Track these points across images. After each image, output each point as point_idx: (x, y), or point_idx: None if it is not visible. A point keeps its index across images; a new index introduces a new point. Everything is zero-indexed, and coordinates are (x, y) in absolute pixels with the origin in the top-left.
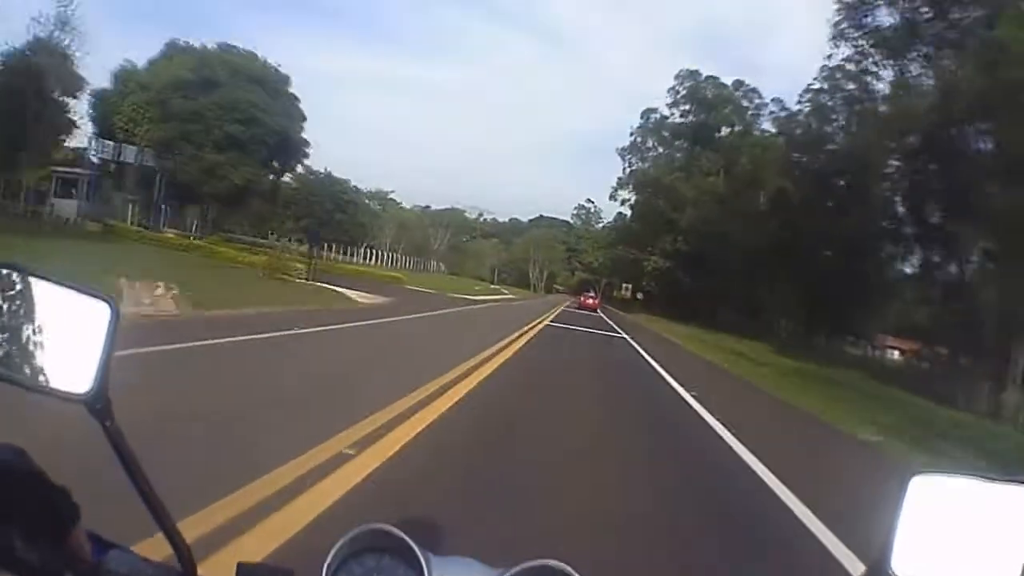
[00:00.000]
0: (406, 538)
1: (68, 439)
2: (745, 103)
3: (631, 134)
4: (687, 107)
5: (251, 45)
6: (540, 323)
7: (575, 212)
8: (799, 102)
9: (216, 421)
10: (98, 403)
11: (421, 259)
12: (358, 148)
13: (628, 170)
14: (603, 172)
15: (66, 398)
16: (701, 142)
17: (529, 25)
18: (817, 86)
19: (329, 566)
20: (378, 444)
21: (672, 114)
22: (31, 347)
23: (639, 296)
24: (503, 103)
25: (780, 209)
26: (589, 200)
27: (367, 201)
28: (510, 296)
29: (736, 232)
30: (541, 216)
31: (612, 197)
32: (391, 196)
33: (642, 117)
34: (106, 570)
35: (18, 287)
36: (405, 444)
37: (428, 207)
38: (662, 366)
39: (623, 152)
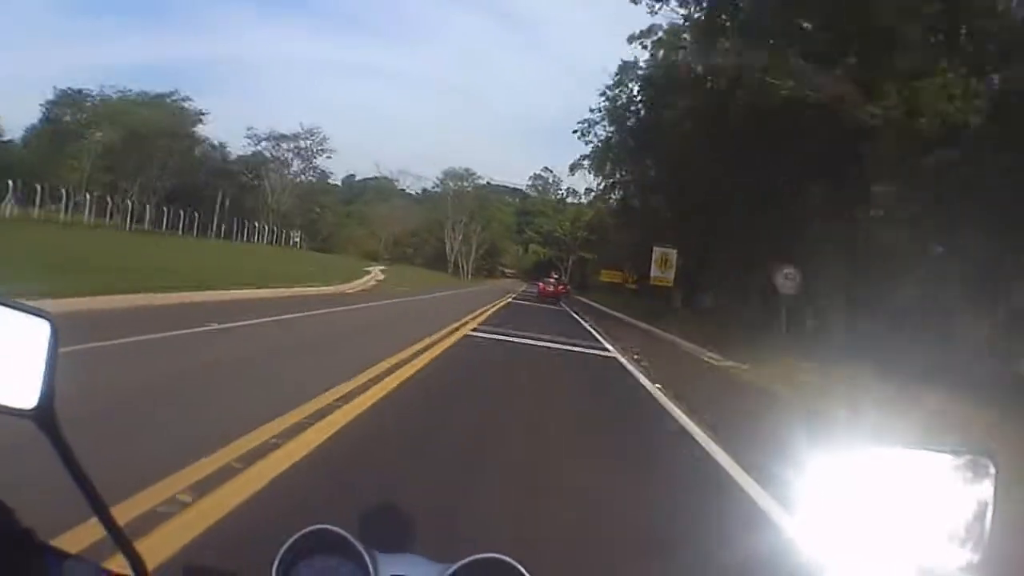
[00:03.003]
0: (350, 538)
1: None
2: None
3: None
4: None
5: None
6: None
7: (531, 183)
8: None
9: None
10: (45, 416)
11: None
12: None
13: None
14: (560, 152)
15: (14, 414)
16: None
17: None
18: None
19: (278, 568)
20: None
21: None
22: None
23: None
24: (447, 77)
25: None
26: (547, 168)
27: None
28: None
29: None
30: (488, 183)
31: (635, 39)
32: (176, 99)
33: None
34: None
35: None
36: None
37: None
38: None
39: None
